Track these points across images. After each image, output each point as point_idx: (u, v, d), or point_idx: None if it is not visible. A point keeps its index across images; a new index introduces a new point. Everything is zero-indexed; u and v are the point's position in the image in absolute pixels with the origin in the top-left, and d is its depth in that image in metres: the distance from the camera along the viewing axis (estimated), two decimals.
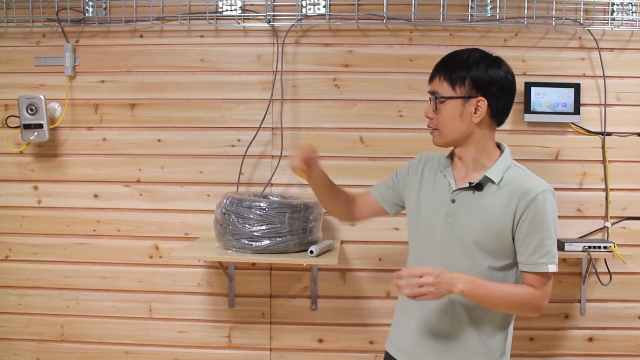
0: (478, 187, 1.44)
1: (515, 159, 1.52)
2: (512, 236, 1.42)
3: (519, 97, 2.18)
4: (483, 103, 1.41)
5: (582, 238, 2.20)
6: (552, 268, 1.40)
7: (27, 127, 2.17)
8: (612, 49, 2.20)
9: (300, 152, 1.47)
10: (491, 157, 1.47)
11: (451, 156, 1.55)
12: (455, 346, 1.47)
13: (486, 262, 1.43)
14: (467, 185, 1.45)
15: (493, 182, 1.43)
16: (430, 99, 1.47)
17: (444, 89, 1.44)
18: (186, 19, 2.24)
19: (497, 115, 1.45)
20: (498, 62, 1.45)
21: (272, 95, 2.22)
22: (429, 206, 1.52)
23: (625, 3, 2.18)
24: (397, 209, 1.68)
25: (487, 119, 1.44)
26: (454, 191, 1.47)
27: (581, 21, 2.19)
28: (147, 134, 2.27)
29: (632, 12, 2.18)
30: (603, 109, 2.21)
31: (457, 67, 1.43)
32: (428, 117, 1.49)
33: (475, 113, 1.42)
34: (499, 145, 1.51)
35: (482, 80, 1.41)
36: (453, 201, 1.47)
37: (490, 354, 1.47)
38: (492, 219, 1.42)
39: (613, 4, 2.18)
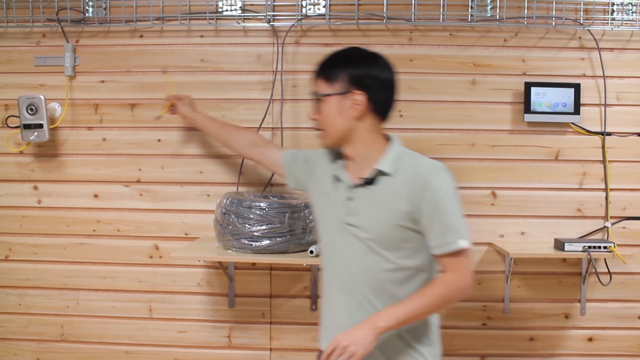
0: (372, 181, 1.45)
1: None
2: (415, 223, 1.42)
3: (519, 97, 2.19)
4: (361, 97, 1.43)
5: (582, 238, 2.20)
6: (463, 244, 1.39)
7: (27, 127, 2.17)
8: (612, 49, 2.20)
9: (168, 97, 2.06)
10: (379, 150, 1.48)
11: (343, 156, 1.56)
12: (382, 343, 1.45)
13: (393, 256, 1.43)
14: (362, 181, 1.46)
15: (386, 174, 1.44)
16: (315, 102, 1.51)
17: (322, 87, 1.47)
18: (186, 19, 2.24)
19: (379, 109, 1.46)
20: (374, 56, 1.48)
21: (272, 95, 2.22)
22: (328, 205, 1.53)
23: (625, 3, 2.18)
24: (296, 186, 1.73)
25: (369, 113, 1.46)
26: (349, 188, 1.48)
27: (581, 21, 2.19)
28: (147, 134, 2.27)
29: (632, 12, 2.18)
30: (603, 109, 2.21)
31: (332, 64, 1.47)
32: (314, 120, 1.51)
33: (354, 107, 1.44)
34: (389, 138, 1.52)
35: (357, 75, 1.44)
36: (350, 199, 1.47)
37: (414, 346, 1.48)
38: (392, 211, 1.42)
39: (613, 4, 2.18)
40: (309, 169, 1.65)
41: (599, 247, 2.03)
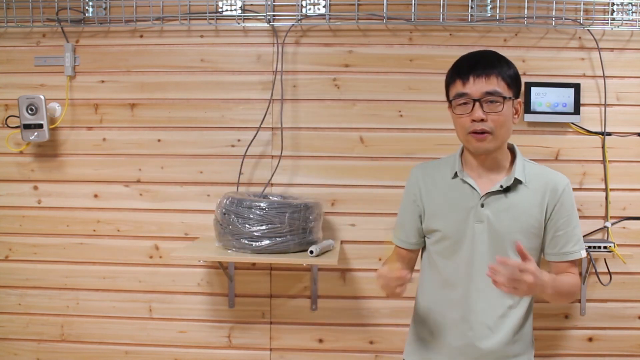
0: (508, 189, 1.47)
1: None
2: (542, 230, 1.47)
3: None
4: (519, 105, 1.47)
5: None
6: (584, 253, 1.49)
7: (27, 127, 2.17)
8: (612, 49, 2.20)
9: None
10: (507, 156, 1.51)
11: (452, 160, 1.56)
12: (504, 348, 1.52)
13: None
14: (499, 188, 1.46)
15: (521, 182, 1.47)
16: (479, 102, 1.40)
17: (503, 89, 1.41)
18: (186, 19, 2.24)
19: None
20: None
21: (272, 95, 2.22)
22: (452, 217, 1.49)
23: (625, 3, 2.18)
24: (427, 232, 1.60)
25: None
26: (482, 196, 1.47)
27: (581, 21, 2.19)
28: (147, 134, 2.27)
29: (632, 12, 2.18)
30: (603, 109, 2.21)
31: (509, 68, 1.45)
32: (477, 121, 1.40)
33: (516, 114, 1.46)
34: (511, 146, 1.54)
35: (520, 83, 1.48)
36: (482, 205, 1.46)
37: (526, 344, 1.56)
38: (526, 218, 1.45)
39: (613, 4, 2.18)
40: (421, 206, 1.57)
41: (599, 247, 2.03)
